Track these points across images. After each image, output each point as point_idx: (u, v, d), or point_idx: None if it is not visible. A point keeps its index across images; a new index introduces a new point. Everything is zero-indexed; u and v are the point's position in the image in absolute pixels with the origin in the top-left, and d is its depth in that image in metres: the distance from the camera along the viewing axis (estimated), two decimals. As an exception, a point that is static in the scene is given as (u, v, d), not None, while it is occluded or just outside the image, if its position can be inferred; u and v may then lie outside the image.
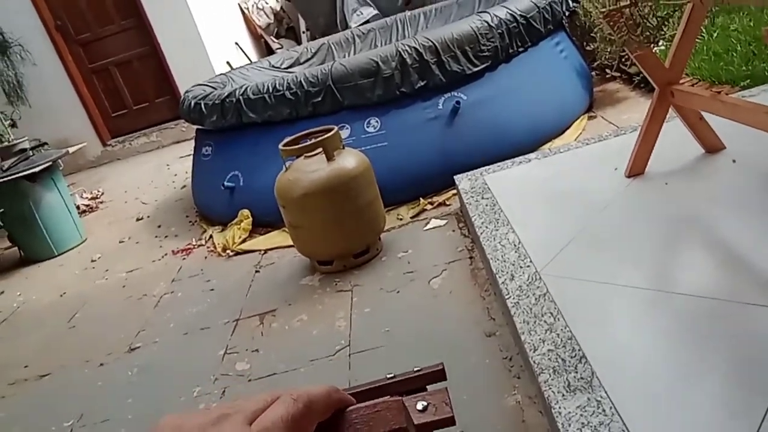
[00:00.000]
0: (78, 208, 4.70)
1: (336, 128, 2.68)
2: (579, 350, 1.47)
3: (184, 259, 3.41)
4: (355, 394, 0.83)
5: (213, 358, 2.31)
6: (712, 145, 2.30)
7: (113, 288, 3.31)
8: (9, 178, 3.89)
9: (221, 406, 0.33)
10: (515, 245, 2.11)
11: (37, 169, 3.95)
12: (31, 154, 4.13)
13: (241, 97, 3.42)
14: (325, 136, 2.61)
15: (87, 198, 5.24)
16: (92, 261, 3.83)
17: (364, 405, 0.41)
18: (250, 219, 3.37)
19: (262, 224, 3.38)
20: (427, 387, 0.84)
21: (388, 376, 0.94)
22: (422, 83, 3.21)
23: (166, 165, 5.78)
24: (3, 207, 3.97)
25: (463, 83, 3.28)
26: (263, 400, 0.35)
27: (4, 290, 3.78)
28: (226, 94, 3.51)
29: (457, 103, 3.19)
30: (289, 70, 4.75)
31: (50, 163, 4.09)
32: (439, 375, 0.93)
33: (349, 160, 2.62)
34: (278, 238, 3.21)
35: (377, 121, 3.29)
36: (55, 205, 4.11)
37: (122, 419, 2.12)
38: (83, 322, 3.03)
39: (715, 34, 3.80)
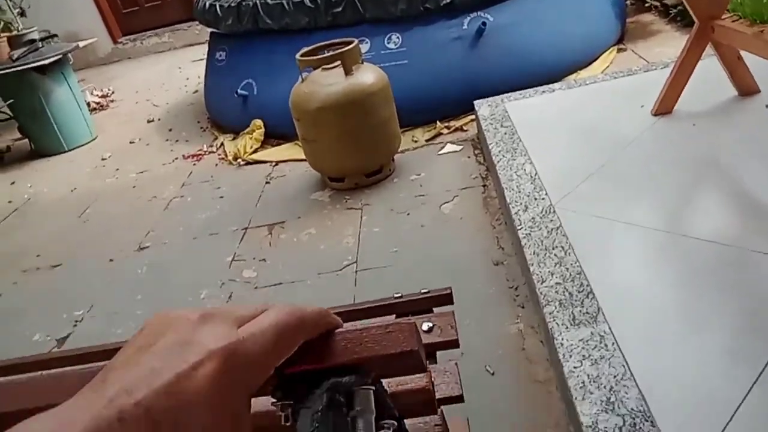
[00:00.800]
0: (88, 105, 4.64)
1: (356, 41, 2.58)
2: (587, 285, 1.48)
3: (194, 164, 3.39)
4: (363, 309, 0.83)
5: (221, 264, 2.34)
6: (746, 88, 2.21)
7: (123, 187, 3.32)
8: (19, 68, 3.81)
9: (210, 308, 0.32)
10: (532, 176, 2.07)
11: (47, 61, 3.87)
12: (41, 45, 4.01)
13: (258, 2, 3.28)
14: (345, 48, 2.52)
15: (97, 95, 5.17)
16: (102, 159, 3.82)
17: (375, 325, 0.40)
18: (263, 129, 3.32)
19: (275, 135, 3.33)
20: (433, 309, 0.85)
21: (396, 295, 0.93)
22: (448, 0, 3.06)
23: (178, 68, 5.65)
24: (12, 98, 3.92)
25: (491, 3, 3.13)
26: (254, 308, 0.33)
27: (15, 181, 3.80)
28: (243, -4, 3.36)
29: (483, 24, 3.06)
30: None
31: (60, 55, 3.99)
32: (446, 299, 0.93)
33: (368, 75, 2.54)
34: (290, 150, 3.18)
35: (398, 38, 3.17)
36: (65, 100, 4.05)
37: (131, 314, 2.18)
38: (94, 217, 3.06)
39: (764, -30, 3.56)
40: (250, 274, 2.25)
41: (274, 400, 0.37)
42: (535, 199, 1.94)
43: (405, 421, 0.44)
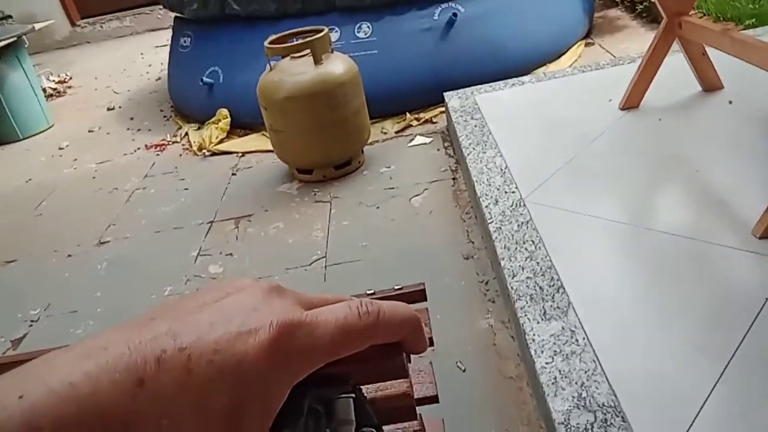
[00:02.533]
0: (44, 91, 4.46)
1: (326, 30, 2.53)
2: (558, 280, 1.48)
3: (157, 155, 3.29)
4: None
5: (185, 259, 2.28)
6: (710, 84, 2.25)
7: (82, 178, 3.20)
8: (-31, 51, 3.63)
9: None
10: (502, 169, 2.07)
11: (0, 44, 3.69)
12: (-7, 27, 3.84)
13: (224, -14, 3.19)
14: (314, 36, 2.46)
15: (54, 81, 4.97)
16: (60, 149, 3.68)
17: None
18: (229, 119, 3.24)
19: (241, 125, 3.26)
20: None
21: (368, 291, 0.91)
22: (419, -11, 3.03)
23: (140, 54, 5.48)
24: (-37, 83, 3.74)
25: (462, -6, 3.11)
26: (324, 297, 0.30)
27: (-34, 172, 3.63)
28: (208, -20, 3.26)
29: (454, 15, 3.04)
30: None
31: (15, 38, 3.82)
32: (419, 295, 0.91)
33: (338, 64, 2.50)
34: (257, 141, 3.11)
35: (368, 27, 3.12)
36: (19, 85, 3.88)
37: (91, 312, 2.10)
38: (50, 211, 2.94)
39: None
40: (216, 270, 2.19)
41: None
42: (506, 192, 1.94)
43: (384, 428, 0.42)
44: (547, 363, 1.27)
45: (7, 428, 0.20)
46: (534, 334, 1.34)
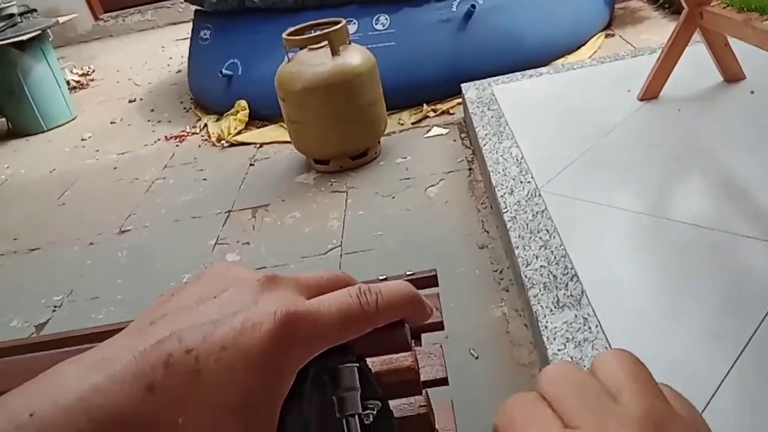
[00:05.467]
0: (68, 83, 4.53)
1: (344, 21, 2.54)
2: (572, 268, 1.47)
3: (177, 146, 3.34)
4: None
5: (203, 247, 2.31)
6: (732, 74, 2.21)
7: (104, 169, 3.26)
8: (-5, 44, 3.71)
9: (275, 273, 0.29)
10: (518, 160, 2.06)
11: (25, 37, 3.77)
12: (19, 20, 3.90)
13: (243, -21, 3.21)
14: (332, 28, 2.48)
15: (77, 74, 5.05)
16: (82, 140, 3.75)
17: None
18: (247, 110, 3.27)
19: (259, 117, 3.28)
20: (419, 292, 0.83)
21: (381, 277, 0.92)
22: (437, -19, 3.02)
23: (161, 47, 5.54)
24: (-11, 75, 3.82)
25: (480, -15, 3.10)
26: (319, 277, 0.31)
27: (-8, 162, 3.72)
28: (227, -27, 3.29)
29: (473, 6, 3.02)
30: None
31: (39, 31, 3.89)
32: (431, 281, 0.91)
33: (355, 56, 2.51)
34: (275, 132, 3.14)
35: (386, 19, 3.13)
36: (44, 78, 3.96)
37: (112, 299, 2.14)
38: (73, 200, 3.00)
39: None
40: (234, 258, 2.22)
41: None
42: (521, 182, 1.93)
43: (390, 402, 0.42)
44: (559, 350, 1.27)
45: None
46: (547, 321, 1.35)
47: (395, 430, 0.40)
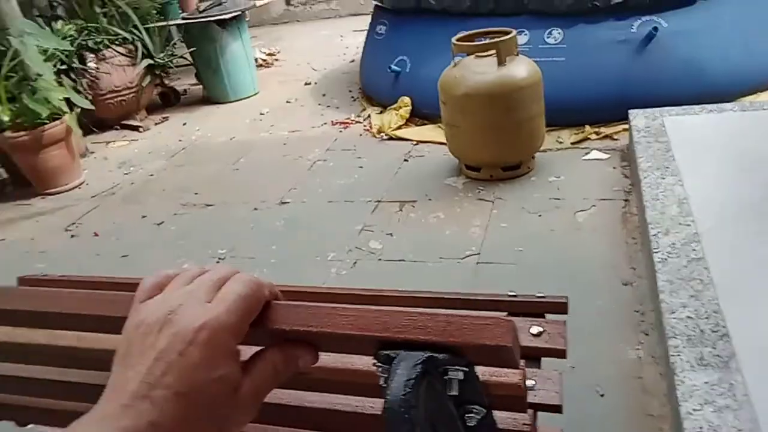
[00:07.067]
0: (256, 61, 5.01)
1: (514, 32, 2.55)
2: (723, 326, 1.39)
3: (340, 131, 3.58)
4: (472, 300, 0.86)
5: (351, 230, 2.48)
6: None
7: (275, 143, 3.59)
8: (203, 20, 4.21)
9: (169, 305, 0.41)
10: (680, 199, 1.96)
11: (228, 16, 4.23)
12: (224, 0, 4.39)
13: (425, -19, 3.34)
14: (502, 38, 2.50)
15: (265, 53, 5.56)
16: (261, 114, 4.14)
17: (474, 314, 0.43)
18: (410, 107, 3.41)
19: (420, 115, 3.41)
20: (546, 315, 0.85)
21: (510, 293, 0.95)
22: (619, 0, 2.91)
23: (339, 36, 5.91)
24: (195, 47, 4.35)
25: (666, 8, 2.92)
26: (217, 275, 0.43)
27: (186, 122, 4.25)
28: (411, -27, 3.43)
29: (655, 29, 2.87)
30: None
31: (240, 12, 4.34)
32: (559, 308, 0.93)
33: (521, 68, 2.51)
34: (432, 132, 3.24)
35: (560, 33, 3.07)
36: (237, 54, 4.42)
37: (266, 261, 2.39)
38: (246, 167, 3.35)
39: None
40: (376, 246, 2.36)
41: (375, 362, 0.42)
42: (680, 223, 1.83)
43: (494, 413, 0.47)
44: (694, 410, 1.21)
45: None
46: (685, 377, 1.29)
47: None
